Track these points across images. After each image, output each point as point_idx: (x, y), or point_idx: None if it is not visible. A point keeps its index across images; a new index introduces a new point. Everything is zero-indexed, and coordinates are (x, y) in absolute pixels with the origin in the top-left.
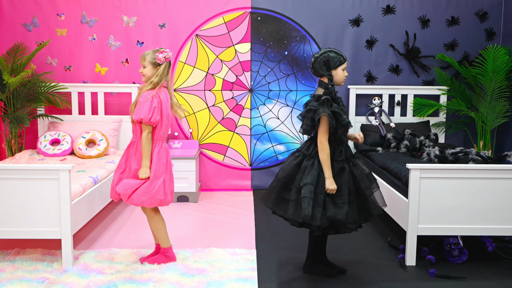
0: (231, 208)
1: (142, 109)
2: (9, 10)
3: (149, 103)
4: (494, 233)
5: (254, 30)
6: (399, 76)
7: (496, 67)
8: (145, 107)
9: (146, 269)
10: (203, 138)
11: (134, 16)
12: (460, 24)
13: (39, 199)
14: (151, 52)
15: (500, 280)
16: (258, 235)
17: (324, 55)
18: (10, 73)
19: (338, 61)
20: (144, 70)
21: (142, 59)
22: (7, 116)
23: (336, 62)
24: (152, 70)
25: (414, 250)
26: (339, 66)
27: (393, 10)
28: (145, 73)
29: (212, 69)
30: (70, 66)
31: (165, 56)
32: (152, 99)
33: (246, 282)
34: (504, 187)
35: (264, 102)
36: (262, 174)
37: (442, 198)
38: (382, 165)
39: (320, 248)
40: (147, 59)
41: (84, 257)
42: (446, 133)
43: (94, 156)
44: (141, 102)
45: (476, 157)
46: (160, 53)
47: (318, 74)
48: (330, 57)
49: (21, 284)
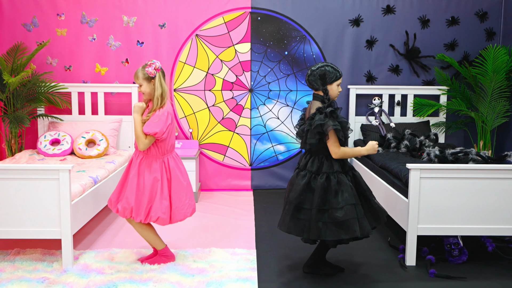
0: (231, 208)
1: (157, 124)
2: (9, 10)
3: (165, 120)
4: (494, 233)
5: (254, 30)
6: (399, 76)
7: (496, 67)
8: (160, 124)
9: (146, 269)
10: (203, 138)
11: (134, 16)
12: (460, 24)
13: (39, 199)
14: (141, 69)
15: (500, 280)
16: (258, 235)
17: (320, 68)
18: (10, 73)
19: (334, 76)
20: (142, 88)
21: (136, 79)
22: (7, 116)
23: (332, 77)
24: (148, 85)
25: (414, 250)
26: (335, 82)
27: (393, 10)
28: (143, 91)
29: (212, 69)
30: (70, 66)
31: (154, 68)
32: (167, 117)
33: (246, 282)
34: (504, 187)
35: (264, 102)
36: (262, 174)
37: (442, 198)
38: (382, 165)
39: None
40: (140, 77)
41: (84, 257)
42: (446, 133)
43: (94, 156)
44: (157, 115)
45: (476, 157)
46: (148, 67)
47: (313, 87)
48: (326, 71)
49: (21, 284)
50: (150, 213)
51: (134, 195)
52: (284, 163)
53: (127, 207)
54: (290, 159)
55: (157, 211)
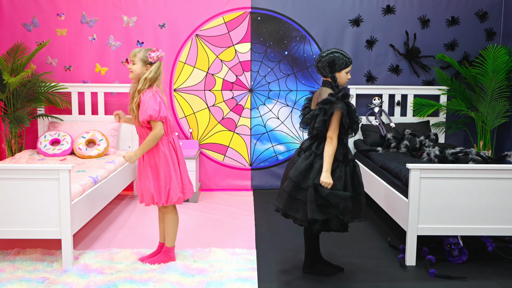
0: (231, 208)
1: (149, 107)
2: (9, 10)
3: (153, 99)
4: (494, 233)
5: (254, 30)
6: (399, 76)
7: (496, 67)
8: (151, 104)
9: (146, 269)
10: (203, 138)
11: (134, 16)
12: (460, 24)
13: (39, 199)
14: (143, 50)
15: (500, 280)
16: (258, 235)
17: (330, 55)
18: (10, 73)
19: (344, 63)
20: (133, 66)
21: (133, 55)
22: (7, 116)
23: (341, 64)
24: (141, 67)
25: (414, 250)
26: (344, 69)
27: (393, 10)
28: (133, 70)
29: (212, 69)
30: (70, 66)
31: (158, 55)
32: (155, 96)
33: (246, 282)
34: (504, 187)
35: (264, 102)
36: (262, 174)
37: (442, 198)
38: (382, 165)
39: (314, 246)
40: (138, 56)
41: (84, 257)
42: (446, 133)
43: (94, 156)
44: (145, 100)
45: (476, 157)
46: (153, 52)
47: (322, 73)
48: (336, 58)
49: (21, 284)
50: (170, 195)
51: (151, 181)
52: (284, 163)
53: (147, 195)
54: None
55: (176, 191)
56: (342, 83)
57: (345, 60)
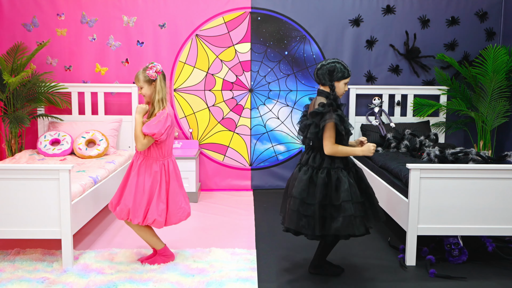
0: (231, 208)
1: (158, 125)
2: (9, 10)
3: (164, 122)
4: (494, 233)
5: (254, 30)
6: (399, 76)
7: (496, 67)
8: (160, 125)
9: (146, 269)
10: (203, 138)
11: (134, 16)
12: (460, 24)
13: (39, 199)
14: (142, 71)
15: (500, 280)
16: (258, 235)
17: (331, 64)
18: (10, 73)
19: (342, 74)
20: (142, 91)
21: (137, 81)
22: (7, 116)
23: (340, 75)
24: (149, 88)
25: (414, 250)
26: (342, 80)
27: (393, 10)
28: (144, 93)
29: (212, 69)
30: (70, 66)
31: (155, 71)
32: (167, 118)
33: (246, 282)
34: (504, 187)
35: (264, 102)
36: (262, 174)
37: (442, 198)
38: (382, 165)
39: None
40: (141, 79)
41: (84, 257)
42: (446, 133)
43: (94, 156)
44: (158, 118)
45: (476, 157)
46: (149, 70)
47: (320, 81)
48: (336, 68)
49: (21, 284)
50: (147, 216)
51: (133, 197)
52: (284, 163)
53: (124, 209)
54: (290, 159)
55: (154, 213)
56: (339, 94)
57: (344, 71)
